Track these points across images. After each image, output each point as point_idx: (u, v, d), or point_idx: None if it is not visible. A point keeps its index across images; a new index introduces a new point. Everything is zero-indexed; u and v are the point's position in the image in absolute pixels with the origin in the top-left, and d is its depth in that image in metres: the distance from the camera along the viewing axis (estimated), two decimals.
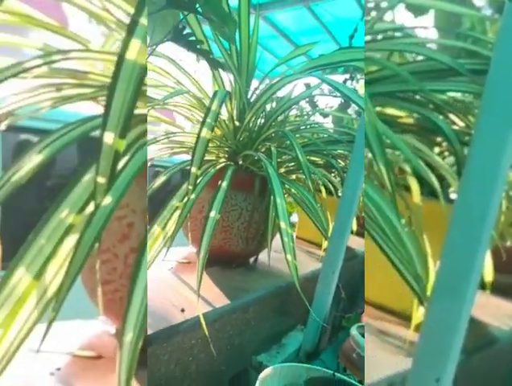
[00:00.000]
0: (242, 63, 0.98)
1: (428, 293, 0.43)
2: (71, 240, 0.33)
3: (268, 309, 0.93)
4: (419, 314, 0.61)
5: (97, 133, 0.32)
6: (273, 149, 0.81)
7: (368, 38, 0.61)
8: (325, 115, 1.49)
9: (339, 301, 1.05)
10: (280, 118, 1.01)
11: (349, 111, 1.69)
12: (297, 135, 1.08)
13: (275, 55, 2.87)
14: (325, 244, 1.29)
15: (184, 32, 0.65)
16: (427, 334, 0.42)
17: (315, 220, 0.85)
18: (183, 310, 0.68)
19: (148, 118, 0.90)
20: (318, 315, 0.94)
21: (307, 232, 1.54)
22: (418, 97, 0.55)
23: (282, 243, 0.61)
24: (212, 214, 0.69)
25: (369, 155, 0.54)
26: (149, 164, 0.88)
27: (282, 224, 0.61)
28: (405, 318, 0.72)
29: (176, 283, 0.83)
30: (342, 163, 1.22)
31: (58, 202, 0.34)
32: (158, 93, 0.91)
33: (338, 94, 0.91)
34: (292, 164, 1.06)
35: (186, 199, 0.72)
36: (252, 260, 1.07)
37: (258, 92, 1.01)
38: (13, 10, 0.53)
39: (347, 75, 1.66)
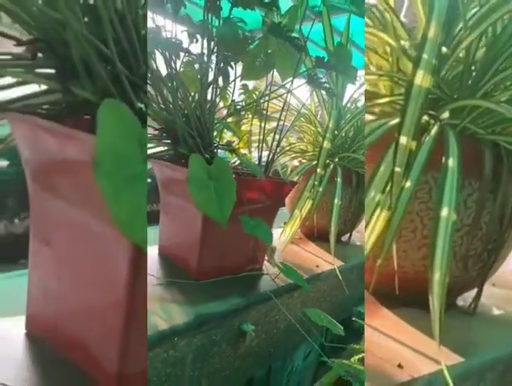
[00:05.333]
0: (339, 84, 1.27)
1: None
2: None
3: (362, 272, 1.23)
4: None
5: None
6: None
7: None
8: None
9: None
10: None
11: None
12: None
13: None
14: None
15: (315, 77, 0.96)
16: None
17: None
18: (317, 266, 1.00)
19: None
20: None
21: None
22: None
23: None
24: (336, 201, 0.99)
25: None
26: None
27: None
28: None
29: (300, 250, 1.16)
30: None
31: (367, 186, 0.58)
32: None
33: None
34: None
35: (314, 191, 1.03)
36: (346, 237, 1.37)
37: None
38: None
39: None
